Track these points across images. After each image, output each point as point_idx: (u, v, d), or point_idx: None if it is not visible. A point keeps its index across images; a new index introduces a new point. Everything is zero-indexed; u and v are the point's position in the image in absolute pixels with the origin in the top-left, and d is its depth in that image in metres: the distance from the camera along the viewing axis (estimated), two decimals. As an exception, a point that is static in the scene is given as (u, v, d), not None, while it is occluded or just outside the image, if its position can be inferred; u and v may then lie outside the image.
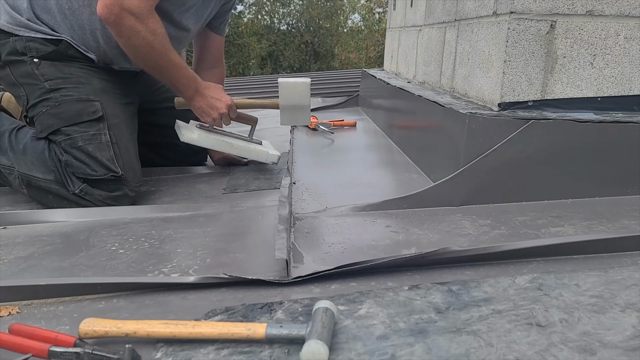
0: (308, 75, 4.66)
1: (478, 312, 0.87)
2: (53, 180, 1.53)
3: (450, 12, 1.90)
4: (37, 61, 1.57)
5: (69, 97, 1.56)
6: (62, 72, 1.59)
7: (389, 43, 3.28)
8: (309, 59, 19.89)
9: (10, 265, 1.14)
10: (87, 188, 1.51)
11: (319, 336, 0.75)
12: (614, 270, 1.01)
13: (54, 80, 1.57)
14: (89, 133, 1.53)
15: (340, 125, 2.78)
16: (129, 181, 1.56)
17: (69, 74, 1.59)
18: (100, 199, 1.53)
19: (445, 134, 1.59)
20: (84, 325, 0.82)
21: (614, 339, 0.77)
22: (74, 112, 1.54)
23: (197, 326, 0.80)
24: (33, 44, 1.57)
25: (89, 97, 1.57)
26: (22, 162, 1.55)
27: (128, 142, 1.63)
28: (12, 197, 1.68)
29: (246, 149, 1.88)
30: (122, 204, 1.55)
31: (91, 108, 1.56)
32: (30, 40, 1.57)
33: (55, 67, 1.59)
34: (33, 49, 1.57)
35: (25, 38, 1.57)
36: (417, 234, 1.25)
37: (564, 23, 1.42)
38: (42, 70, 1.57)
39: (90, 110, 1.56)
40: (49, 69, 1.58)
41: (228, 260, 1.14)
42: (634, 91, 1.48)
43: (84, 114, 1.55)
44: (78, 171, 1.51)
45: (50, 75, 1.57)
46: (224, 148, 1.85)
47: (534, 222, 1.30)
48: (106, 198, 1.53)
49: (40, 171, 1.53)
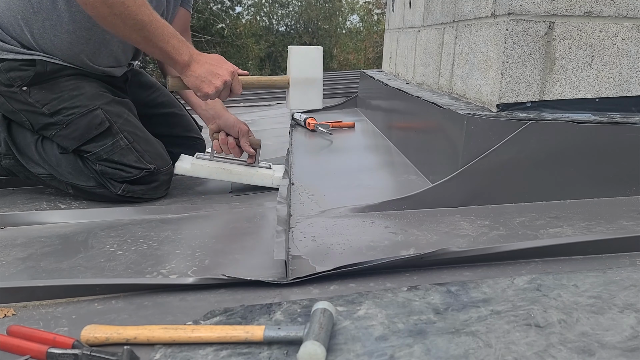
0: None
1: (477, 312, 0.87)
2: (95, 186, 1.58)
3: (449, 13, 1.90)
4: (26, 89, 1.52)
5: (72, 115, 1.53)
6: (53, 92, 1.54)
7: (387, 44, 3.28)
8: (307, 60, 19.84)
9: (9, 266, 1.14)
10: (128, 187, 1.57)
11: (316, 337, 0.75)
12: (612, 271, 1.01)
13: (50, 103, 1.53)
14: (107, 145, 1.55)
15: (339, 127, 2.78)
16: (160, 168, 1.61)
17: (60, 91, 1.54)
18: (142, 193, 1.60)
19: (443, 135, 1.59)
20: (85, 331, 0.82)
21: (613, 340, 0.78)
22: (83, 130, 1.54)
23: (196, 330, 0.81)
24: (14, 73, 1.50)
25: (89, 108, 1.54)
26: (61, 173, 1.59)
27: (142, 132, 1.63)
28: (12, 198, 1.68)
29: (247, 174, 1.71)
30: (161, 191, 1.64)
31: (96, 120, 1.54)
32: (9, 70, 1.50)
33: (45, 90, 1.54)
34: (17, 79, 1.51)
35: (4, 66, 1.49)
36: (416, 234, 1.25)
37: (562, 24, 1.42)
38: (34, 97, 1.53)
39: (96, 122, 1.54)
40: (39, 93, 1.53)
41: (227, 261, 1.14)
42: (632, 92, 1.49)
43: (92, 127, 1.54)
44: (115, 177, 1.56)
45: (44, 99, 1.53)
46: (222, 176, 1.71)
47: (532, 223, 1.30)
48: (147, 191, 1.61)
49: (81, 179, 1.58)
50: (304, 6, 19.71)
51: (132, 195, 1.59)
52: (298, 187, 1.70)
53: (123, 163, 1.55)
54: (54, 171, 1.59)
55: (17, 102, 1.54)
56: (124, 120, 1.60)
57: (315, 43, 19.32)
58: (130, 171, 1.56)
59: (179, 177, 1.89)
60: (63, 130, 1.54)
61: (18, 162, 1.61)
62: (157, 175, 1.61)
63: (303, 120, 2.82)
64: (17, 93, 1.52)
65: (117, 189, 1.57)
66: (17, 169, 1.64)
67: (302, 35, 19.34)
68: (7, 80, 1.51)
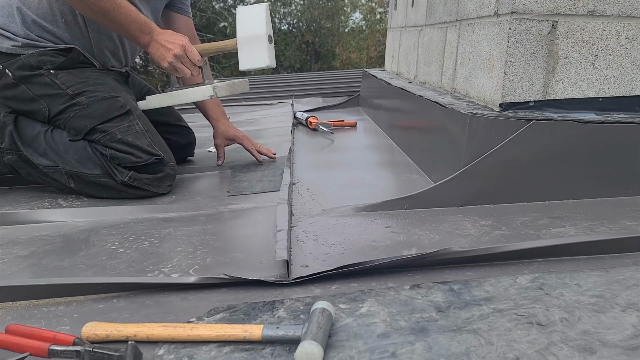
0: (309, 76, 4.67)
1: (479, 311, 0.87)
2: (100, 174, 1.62)
3: (452, 12, 1.90)
4: (54, 72, 1.64)
5: (95, 97, 1.64)
6: (80, 77, 1.66)
7: (389, 43, 3.28)
8: (309, 59, 19.89)
9: (11, 264, 1.14)
10: (135, 175, 1.61)
11: (314, 337, 0.75)
12: (615, 271, 1.00)
13: (75, 85, 1.64)
14: (123, 125, 1.62)
15: (341, 126, 2.78)
16: (167, 161, 1.68)
17: (86, 78, 1.67)
18: (148, 182, 1.63)
19: (446, 134, 1.59)
20: (86, 328, 0.82)
21: (614, 338, 0.77)
22: (104, 110, 1.63)
23: (195, 328, 0.81)
24: (46, 57, 1.63)
25: (111, 94, 1.66)
26: (67, 161, 1.63)
27: (153, 128, 1.72)
28: (12, 197, 1.68)
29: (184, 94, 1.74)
30: (165, 185, 1.68)
31: (117, 103, 1.65)
32: (43, 54, 1.62)
33: (72, 74, 1.66)
34: (47, 62, 1.63)
35: (36, 53, 1.61)
36: (418, 234, 1.25)
37: (566, 23, 1.42)
38: (61, 79, 1.64)
39: (118, 105, 1.65)
40: (67, 76, 1.65)
41: (228, 260, 1.14)
42: (636, 92, 1.48)
43: (113, 109, 1.63)
44: (124, 161, 1.60)
45: (70, 82, 1.64)
46: (167, 101, 1.78)
47: (535, 223, 1.29)
48: (153, 180, 1.64)
49: (87, 167, 1.62)
50: (306, 5, 19.70)
51: (137, 184, 1.61)
52: (300, 186, 1.70)
53: (136, 145, 1.61)
54: (60, 160, 1.62)
55: (40, 87, 1.63)
56: (139, 113, 1.71)
57: (317, 42, 19.32)
58: (141, 155, 1.61)
59: (180, 177, 1.89)
60: (83, 110, 1.62)
61: (21, 157, 1.65)
62: (163, 166, 1.66)
63: (305, 119, 2.82)
64: (44, 75, 1.63)
65: (123, 176, 1.60)
66: (20, 164, 1.67)
67: (304, 34, 19.33)
68: (37, 63, 1.62)
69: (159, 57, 1.63)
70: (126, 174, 1.60)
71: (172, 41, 1.62)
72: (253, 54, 1.65)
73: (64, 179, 1.64)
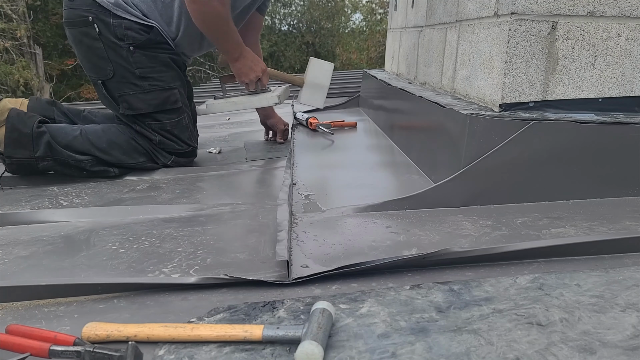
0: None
1: (479, 311, 0.87)
2: (145, 161, 1.95)
3: (452, 12, 1.90)
4: (132, 49, 1.86)
5: (156, 85, 1.91)
6: (151, 60, 1.90)
7: (390, 44, 3.28)
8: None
9: (11, 265, 1.14)
10: (176, 159, 1.99)
11: (314, 337, 0.75)
12: (615, 271, 1.01)
13: (144, 68, 1.88)
14: (174, 119, 1.95)
15: (341, 126, 2.78)
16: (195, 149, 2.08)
17: (155, 63, 1.91)
18: (182, 164, 2.02)
19: (446, 134, 1.59)
20: (86, 329, 0.82)
21: (614, 339, 0.77)
22: (161, 101, 1.91)
23: (196, 329, 0.81)
24: (130, 32, 1.84)
25: (170, 86, 1.93)
26: (112, 155, 1.87)
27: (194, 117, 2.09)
28: (13, 197, 1.68)
29: (246, 101, 2.09)
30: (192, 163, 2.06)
31: (172, 97, 1.94)
32: (128, 28, 1.84)
33: (146, 57, 1.89)
34: (130, 37, 1.84)
35: (123, 24, 1.83)
36: (418, 234, 1.25)
37: (565, 24, 1.42)
38: (135, 58, 1.87)
39: (172, 99, 1.95)
40: (140, 57, 1.88)
41: (229, 260, 1.14)
42: (636, 92, 1.48)
43: (168, 102, 1.93)
44: (168, 148, 1.95)
45: (141, 63, 1.88)
46: (229, 108, 2.10)
47: (535, 223, 1.30)
48: (186, 163, 2.03)
49: (132, 158, 1.91)
50: (306, 5, 19.71)
51: (175, 166, 1.98)
52: (300, 187, 1.70)
53: (179, 137, 1.97)
54: (105, 155, 1.86)
55: (116, 54, 1.86)
56: (187, 104, 2.02)
57: (317, 42, 19.32)
58: (182, 145, 1.98)
59: (181, 177, 1.90)
60: (142, 95, 1.90)
61: (57, 162, 1.82)
62: (194, 152, 2.05)
63: (305, 120, 2.82)
64: (123, 49, 1.85)
65: (167, 160, 1.97)
66: (56, 168, 1.85)
67: (304, 35, 19.34)
68: (121, 35, 1.84)
69: (244, 72, 2.00)
70: (169, 159, 1.97)
71: (257, 64, 2.02)
72: (314, 96, 2.22)
73: (105, 169, 1.89)
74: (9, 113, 1.76)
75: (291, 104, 3.67)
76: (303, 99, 2.19)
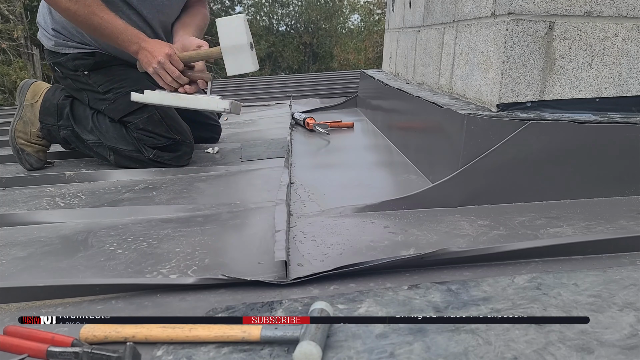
0: (307, 77, 4.67)
1: (477, 311, 0.87)
2: (133, 150, 2.02)
3: (449, 13, 1.90)
4: (87, 73, 2.01)
5: (119, 92, 1.98)
6: (107, 75, 2.01)
7: (387, 44, 3.29)
8: (307, 60, 19.90)
9: (9, 266, 1.14)
10: (158, 152, 2.02)
11: (312, 337, 0.75)
12: (612, 270, 1.01)
13: (104, 84, 2.01)
14: (144, 117, 1.99)
15: (338, 126, 2.78)
16: (184, 140, 2.05)
17: (111, 75, 2.01)
18: (169, 159, 2.03)
19: (443, 134, 1.59)
20: (84, 330, 0.82)
21: (612, 338, 0.78)
22: (127, 104, 1.95)
23: (194, 329, 0.81)
24: (79, 61, 1.99)
25: (132, 89, 1.91)
26: (108, 138, 2.02)
27: (172, 112, 2.06)
28: (10, 197, 1.68)
29: (195, 99, 1.89)
30: (184, 160, 2.06)
31: None
32: (76, 59, 1.99)
33: (102, 74, 2.01)
34: (81, 65, 2.00)
35: (70, 57, 1.99)
36: (416, 234, 1.25)
37: (563, 24, 1.42)
38: (93, 79, 2.01)
39: None
40: (97, 76, 2.01)
41: (227, 260, 1.14)
42: (632, 92, 1.49)
43: (133, 104, 1.93)
44: (148, 143, 2.01)
45: (99, 81, 2.01)
46: (172, 102, 1.90)
47: (532, 223, 1.30)
48: (172, 157, 2.04)
49: (122, 144, 2.02)
50: (304, 6, 19.72)
51: (160, 160, 2.02)
52: (298, 187, 1.70)
53: (155, 132, 1.99)
54: (103, 137, 2.02)
55: (81, 83, 2.03)
56: None
57: (315, 43, 19.33)
58: (160, 139, 2.00)
59: (179, 177, 1.89)
60: (111, 105, 2.01)
61: (73, 133, 2.06)
62: (180, 145, 2.04)
63: (302, 120, 2.82)
64: (81, 76, 2.02)
65: (149, 153, 2.01)
66: (72, 139, 2.09)
67: (302, 35, 19.35)
68: (74, 67, 2.01)
69: (145, 63, 1.84)
70: (151, 152, 2.01)
71: (158, 49, 1.82)
72: (238, 61, 1.82)
73: (105, 152, 2.04)
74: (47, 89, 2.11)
75: (289, 104, 3.67)
76: (230, 70, 1.84)
